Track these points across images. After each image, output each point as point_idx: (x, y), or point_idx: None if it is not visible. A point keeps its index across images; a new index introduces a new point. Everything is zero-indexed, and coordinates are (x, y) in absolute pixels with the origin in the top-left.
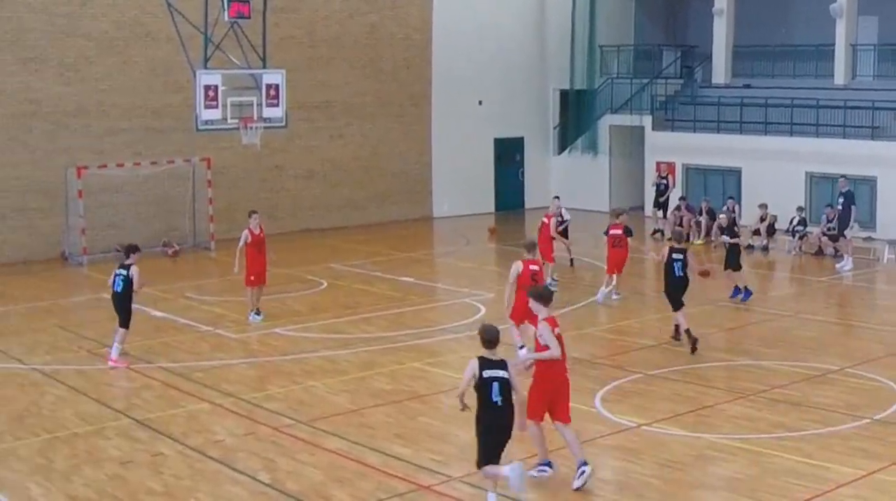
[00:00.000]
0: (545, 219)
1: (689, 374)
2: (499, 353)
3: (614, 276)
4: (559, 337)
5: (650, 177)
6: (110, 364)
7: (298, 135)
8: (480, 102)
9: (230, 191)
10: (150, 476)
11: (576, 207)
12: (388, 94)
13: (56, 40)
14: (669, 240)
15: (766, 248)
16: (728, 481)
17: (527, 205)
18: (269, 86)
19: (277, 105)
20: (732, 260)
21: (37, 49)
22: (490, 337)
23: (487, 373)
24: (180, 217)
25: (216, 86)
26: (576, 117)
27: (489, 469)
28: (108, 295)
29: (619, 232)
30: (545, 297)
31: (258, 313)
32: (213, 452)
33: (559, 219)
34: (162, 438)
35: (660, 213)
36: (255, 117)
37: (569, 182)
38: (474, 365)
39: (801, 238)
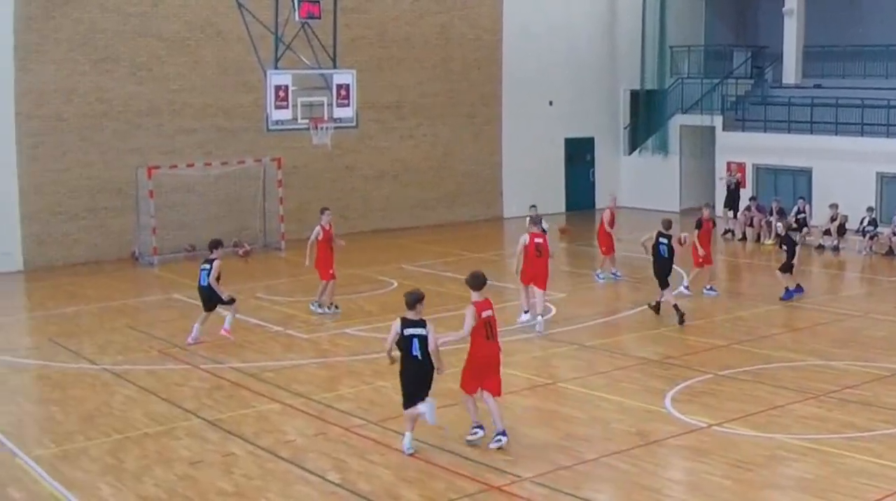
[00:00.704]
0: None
1: (760, 374)
2: (421, 313)
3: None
4: (487, 319)
5: (720, 176)
6: (223, 332)
7: (369, 135)
8: (551, 103)
9: (301, 191)
10: (220, 476)
11: (646, 207)
12: (458, 95)
13: (128, 40)
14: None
15: (836, 248)
16: (798, 481)
17: (597, 205)
18: (339, 87)
19: (348, 105)
20: (786, 262)
21: (109, 49)
22: (410, 300)
23: (408, 331)
24: (251, 217)
25: (287, 87)
26: (646, 117)
27: (408, 410)
28: (178, 295)
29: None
30: (473, 284)
31: (337, 307)
32: (283, 452)
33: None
34: (232, 438)
35: (730, 213)
36: (326, 117)
37: (639, 182)
38: (397, 324)
39: (871, 238)
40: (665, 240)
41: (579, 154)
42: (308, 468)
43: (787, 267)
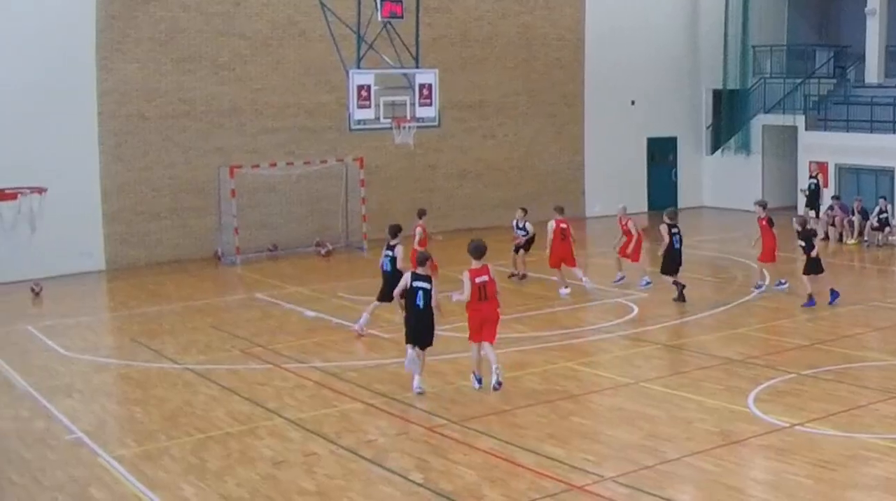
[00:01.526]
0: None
1: (842, 374)
2: (428, 271)
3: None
4: (482, 284)
5: (803, 177)
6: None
7: (451, 134)
8: (633, 102)
9: (383, 190)
10: (302, 475)
11: (729, 207)
12: (540, 94)
13: (210, 40)
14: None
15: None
16: (881, 481)
17: (680, 205)
18: (422, 86)
19: (430, 105)
20: (808, 264)
21: (191, 48)
22: (420, 259)
23: (415, 284)
24: (333, 217)
25: (369, 86)
26: (728, 117)
27: (408, 348)
28: (261, 295)
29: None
30: (472, 253)
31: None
32: (365, 452)
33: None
34: (314, 438)
35: (812, 213)
36: (408, 117)
37: (721, 182)
38: (408, 276)
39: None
40: (676, 231)
41: (661, 153)
42: (390, 467)
43: (809, 269)
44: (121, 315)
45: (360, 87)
